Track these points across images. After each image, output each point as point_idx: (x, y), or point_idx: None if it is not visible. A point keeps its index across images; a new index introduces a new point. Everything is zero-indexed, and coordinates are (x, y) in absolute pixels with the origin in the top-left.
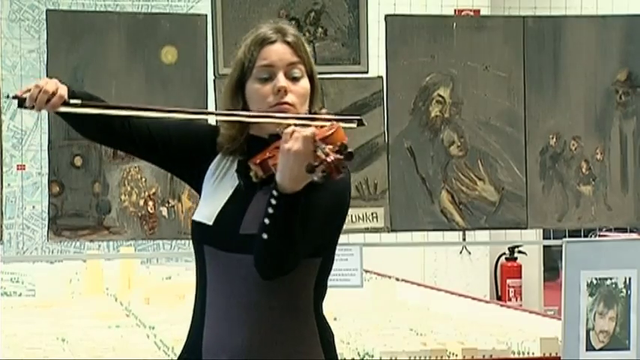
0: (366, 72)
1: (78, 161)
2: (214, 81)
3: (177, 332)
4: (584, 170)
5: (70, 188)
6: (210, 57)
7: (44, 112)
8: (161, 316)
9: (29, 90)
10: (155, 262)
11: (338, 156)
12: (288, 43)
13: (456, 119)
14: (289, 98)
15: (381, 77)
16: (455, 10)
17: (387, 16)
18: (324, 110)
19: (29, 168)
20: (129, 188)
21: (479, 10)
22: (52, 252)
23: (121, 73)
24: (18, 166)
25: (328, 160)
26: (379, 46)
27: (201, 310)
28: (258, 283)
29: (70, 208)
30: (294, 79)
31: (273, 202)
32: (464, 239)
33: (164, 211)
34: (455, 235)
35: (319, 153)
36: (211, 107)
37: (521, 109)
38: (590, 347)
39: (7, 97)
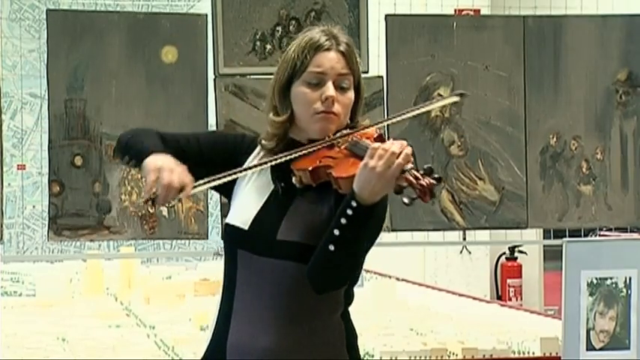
0: (366, 72)
1: (78, 161)
2: (214, 80)
3: (178, 332)
4: (584, 170)
5: (70, 188)
6: (211, 57)
7: (44, 111)
8: (161, 316)
9: (154, 188)
10: (155, 262)
11: (431, 180)
12: (341, 52)
13: (456, 119)
14: (336, 108)
15: (381, 77)
16: (455, 10)
17: (387, 16)
18: (367, 121)
19: (29, 167)
20: (129, 188)
21: (479, 10)
22: (53, 252)
23: (121, 72)
24: (18, 165)
25: (423, 184)
26: (379, 45)
27: (227, 312)
28: (290, 289)
29: (70, 207)
30: (342, 89)
31: (350, 212)
32: (464, 239)
33: (164, 210)
34: (455, 235)
35: (406, 174)
36: (211, 106)
37: (521, 109)
38: (590, 347)
39: (140, 205)
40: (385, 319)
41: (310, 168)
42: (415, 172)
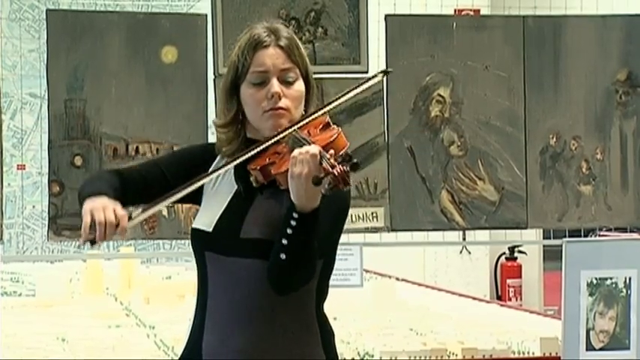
0: (366, 72)
1: (78, 161)
2: (214, 80)
3: (177, 332)
4: (584, 170)
5: (70, 188)
6: (210, 56)
7: (44, 111)
8: (161, 316)
9: (90, 228)
10: (155, 262)
11: (344, 168)
12: (281, 47)
13: (456, 119)
14: (283, 103)
15: None
16: (455, 10)
17: (387, 16)
18: (311, 109)
19: (29, 168)
20: None
21: (479, 10)
22: (52, 252)
23: (121, 72)
24: (18, 165)
25: (335, 172)
26: (379, 45)
27: (201, 314)
28: (259, 287)
29: (70, 207)
30: (288, 83)
31: (293, 223)
32: (464, 239)
33: (164, 211)
34: (455, 235)
35: (324, 164)
36: (211, 106)
37: (521, 109)
38: (590, 347)
39: (79, 246)
40: (385, 319)
41: (259, 167)
42: (332, 161)
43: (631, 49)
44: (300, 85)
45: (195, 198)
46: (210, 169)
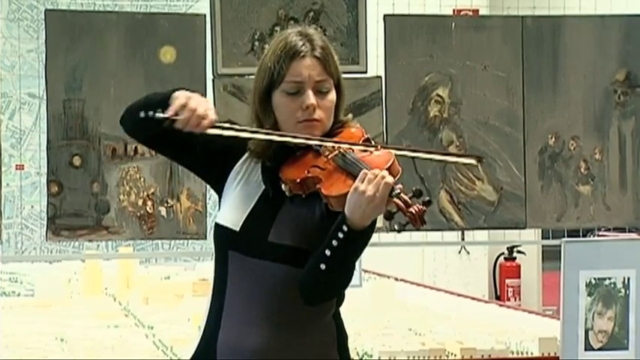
0: (365, 72)
1: (76, 161)
2: (213, 81)
3: (176, 332)
4: (582, 170)
5: (68, 188)
6: (209, 57)
7: (43, 111)
8: (160, 316)
9: (179, 110)
10: (154, 262)
11: (421, 206)
12: (317, 57)
13: (455, 119)
14: (317, 115)
15: (380, 77)
16: (454, 10)
17: (385, 16)
18: (350, 115)
19: (28, 168)
20: (127, 188)
21: (477, 10)
22: (51, 252)
23: (119, 72)
24: (17, 165)
25: (413, 211)
26: (378, 46)
27: (217, 312)
28: (281, 291)
29: (68, 207)
30: (322, 94)
31: (340, 235)
32: (463, 239)
33: (163, 211)
34: (454, 235)
35: (395, 199)
36: None
37: (519, 109)
38: (588, 347)
39: (160, 119)
40: (384, 319)
41: (298, 180)
42: (404, 197)
43: (630, 49)
44: (332, 96)
45: (217, 182)
46: (235, 168)
